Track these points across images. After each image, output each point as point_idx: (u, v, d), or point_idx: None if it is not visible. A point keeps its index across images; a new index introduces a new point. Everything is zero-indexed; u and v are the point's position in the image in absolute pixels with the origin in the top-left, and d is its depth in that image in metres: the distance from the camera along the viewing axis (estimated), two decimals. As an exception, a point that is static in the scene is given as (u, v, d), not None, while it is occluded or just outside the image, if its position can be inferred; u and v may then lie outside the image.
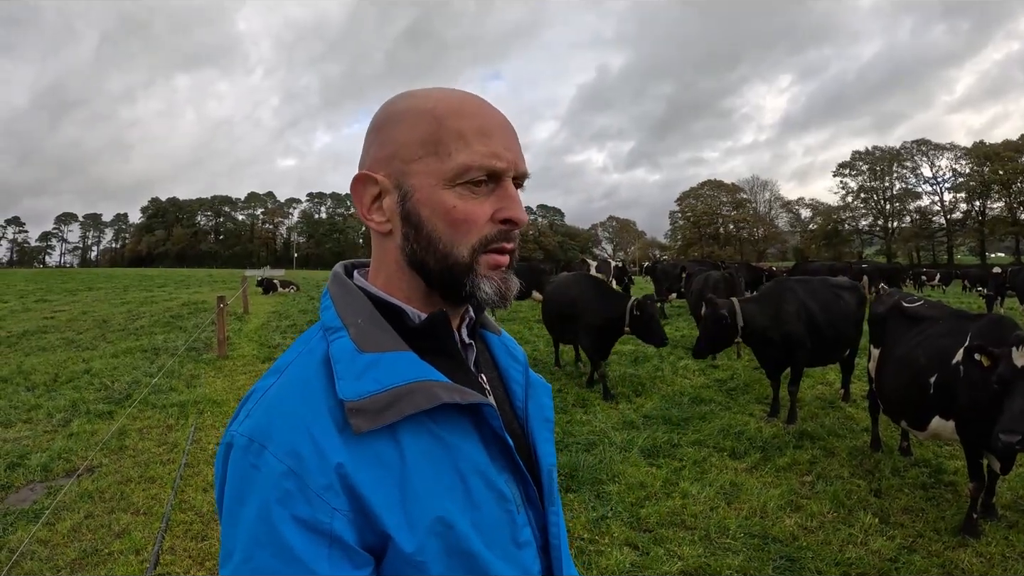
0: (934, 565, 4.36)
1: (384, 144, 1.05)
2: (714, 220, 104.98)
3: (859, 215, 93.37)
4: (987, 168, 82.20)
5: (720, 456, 6.47)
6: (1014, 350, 4.17)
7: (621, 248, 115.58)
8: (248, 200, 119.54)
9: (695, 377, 10.18)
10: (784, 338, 7.54)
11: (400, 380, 0.95)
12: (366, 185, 1.05)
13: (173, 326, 15.47)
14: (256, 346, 12.79)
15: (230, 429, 0.95)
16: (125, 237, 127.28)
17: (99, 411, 7.84)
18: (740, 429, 7.19)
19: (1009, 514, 5.11)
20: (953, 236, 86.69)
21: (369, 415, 0.91)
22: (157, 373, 9.59)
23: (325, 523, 0.87)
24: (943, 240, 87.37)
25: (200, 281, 36.84)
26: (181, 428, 7.24)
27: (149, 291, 28.55)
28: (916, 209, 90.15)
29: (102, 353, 11.81)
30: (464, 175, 1.00)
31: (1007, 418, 4.00)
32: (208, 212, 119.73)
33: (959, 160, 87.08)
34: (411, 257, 1.04)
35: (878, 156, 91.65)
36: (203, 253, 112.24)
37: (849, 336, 8.22)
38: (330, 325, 1.03)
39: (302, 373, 0.98)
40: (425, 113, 1.02)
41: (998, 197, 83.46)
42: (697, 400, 8.62)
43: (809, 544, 4.67)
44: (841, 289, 8.38)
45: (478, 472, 1.00)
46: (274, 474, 0.87)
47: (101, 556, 4.50)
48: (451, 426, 0.99)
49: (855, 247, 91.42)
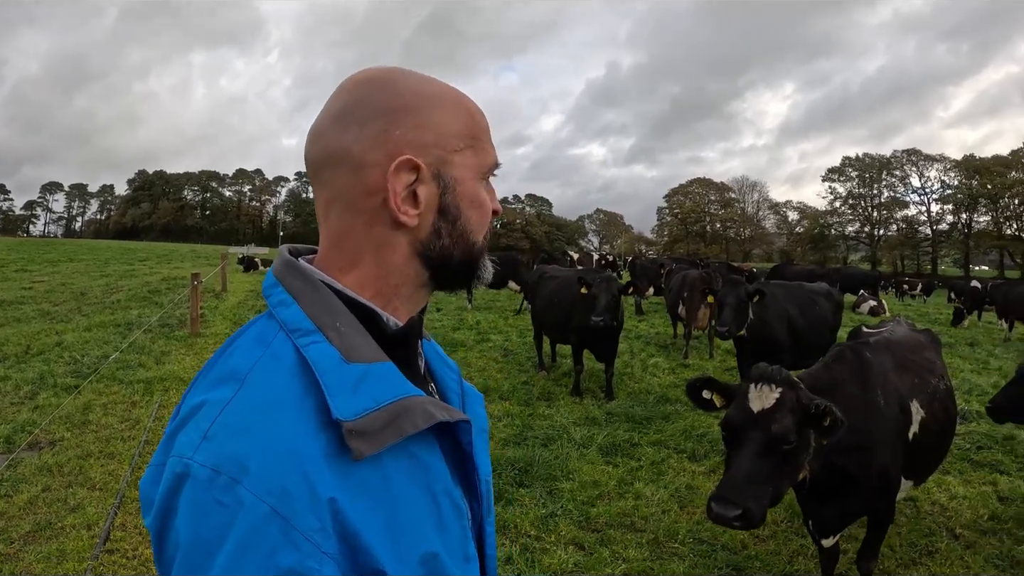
0: (885, 583, 4.32)
1: (421, 128, 0.96)
2: (701, 218, 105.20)
3: (846, 221, 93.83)
4: (976, 181, 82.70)
5: (679, 458, 6.47)
6: (751, 388, 3.25)
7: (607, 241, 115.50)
8: (236, 176, 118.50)
9: (664, 376, 10.16)
10: (767, 342, 7.59)
11: (393, 396, 0.87)
12: (402, 172, 0.94)
13: (150, 301, 15.38)
14: (230, 324, 12.72)
15: (180, 452, 0.80)
16: (111, 209, 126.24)
17: (66, 384, 7.82)
18: (703, 431, 7.17)
19: (967, 534, 5.09)
20: (938, 247, 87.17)
21: (368, 437, 0.82)
22: (127, 348, 9.57)
23: (313, 571, 0.75)
24: (928, 250, 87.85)
25: (183, 256, 36.65)
26: (145, 405, 7.25)
27: (130, 264, 28.36)
28: (903, 218, 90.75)
29: (76, 326, 11.74)
30: (492, 170, 1.05)
31: (723, 482, 3.12)
32: (195, 187, 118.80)
33: (948, 172, 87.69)
34: (435, 251, 0.98)
35: (868, 163, 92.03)
36: (189, 228, 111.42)
37: (825, 343, 8.23)
38: (298, 326, 0.90)
39: (272, 384, 0.85)
40: (460, 104, 1.01)
41: (985, 211, 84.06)
42: (663, 399, 8.57)
43: (758, 554, 4.67)
44: (817, 295, 8.46)
45: (447, 492, 0.94)
46: (254, 517, 0.74)
47: (54, 530, 4.53)
48: (424, 445, 0.93)
49: (840, 252, 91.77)
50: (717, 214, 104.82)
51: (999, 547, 4.89)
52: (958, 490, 5.90)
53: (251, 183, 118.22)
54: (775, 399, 3.16)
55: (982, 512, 5.48)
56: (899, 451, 3.83)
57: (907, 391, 4.00)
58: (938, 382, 4.34)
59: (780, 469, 3.15)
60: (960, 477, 6.19)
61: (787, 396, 3.16)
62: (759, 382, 3.23)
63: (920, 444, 3.98)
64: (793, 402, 3.16)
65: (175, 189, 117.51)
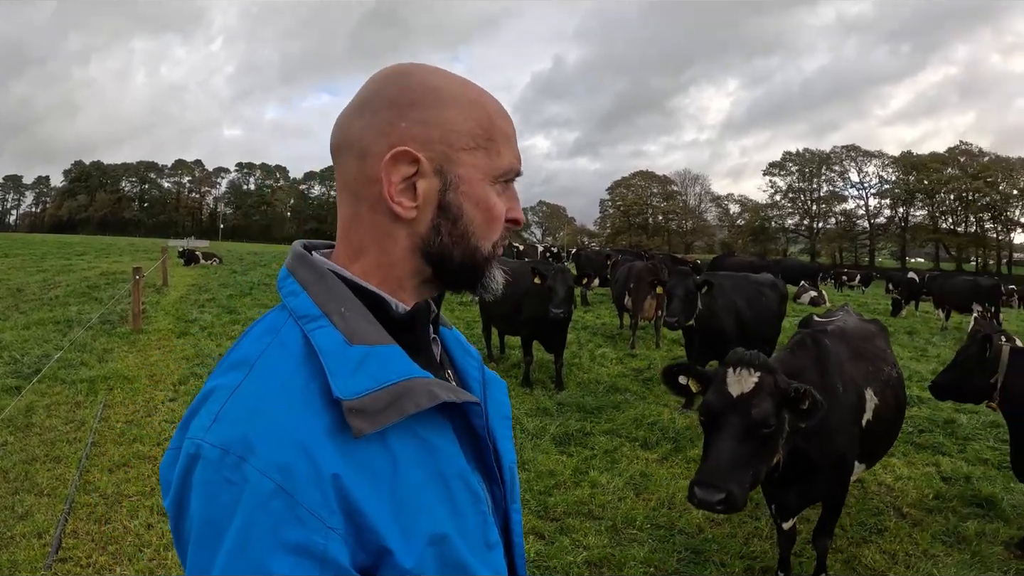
0: (838, 561, 4.47)
1: (427, 123, 0.96)
2: (644, 210, 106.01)
3: (786, 214, 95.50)
4: (913, 177, 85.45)
5: (632, 446, 6.55)
6: (730, 372, 3.28)
7: (550, 233, 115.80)
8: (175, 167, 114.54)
9: (612, 366, 10.24)
10: (715, 333, 7.72)
11: (396, 377, 0.88)
12: (400, 163, 0.95)
13: (89, 297, 14.88)
14: (172, 320, 12.34)
15: (193, 435, 0.84)
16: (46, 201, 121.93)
17: (7, 386, 7.47)
18: (654, 419, 7.26)
19: (914, 512, 5.29)
20: (875, 240, 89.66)
21: (369, 416, 0.84)
22: (69, 347, 9.29)
23: (319, 545, 0.78)
24: (866, 243, 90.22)
25: (121, 250, 35.52)
26: (90, 405, 7.00)
27: (68, 259, 27.36)
28: (841, 211, 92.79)
29: (13, 324, 11.27)
30: (506, 175, 1.02)
31: (704, 467, 3.17)
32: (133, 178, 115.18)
33: (886, 168, 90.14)
34: (434, 248, 0.98)
35: (808, 158, 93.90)
36: (126, 221, 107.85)
37: (771, 333, 8.48)
38: (305, 313, 0.93)
39: (278, 368, 0.88)
40: (476, 104, 0.99)
41: (921, 205, 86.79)
42: (613, 389, 8.64)
43: (715, 536, 4.76)
44: (763, 286, 8.62)
45: (459, 476, 0.95)
46: (260, 493, 0.78)
47: (3, 540, 4.34)
48: (433, 427, 0.94)
49: (781, 244, 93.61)
50: (659, 206, 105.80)
51: (945, 524, 5.09)
52: (903, 471, 6.13)
53: (191, 174, 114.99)
54: (754, 383, 3.20)
55: (927, 492, 5.71)
56: (855, 437, 3.95)
57: (862, 379, 4.11)
58: (890, 370, 4.50)
59: (759, 453, 3.21)
60: (904, 459, 6.42)
61: (766, 380, 3.22)
62: (737, 366, 3.27)
63: (873, 430, 4.11)
64: (772, 386, 3.21)
65: (112, 180, 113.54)
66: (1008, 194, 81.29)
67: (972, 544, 4.76)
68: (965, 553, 4.63)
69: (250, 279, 20.68)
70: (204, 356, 9.25)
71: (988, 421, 7.77)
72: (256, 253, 38.28)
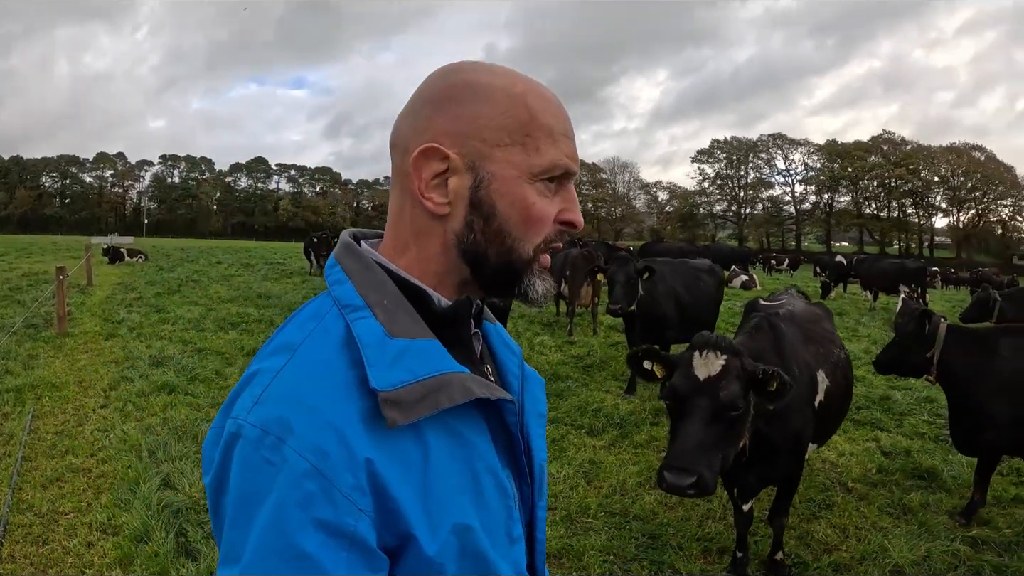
0: (791, 538, 4.55)
1: (460, 119, 0.96)
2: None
3: (714, 200, 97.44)
4: (837, 165, 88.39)
5: (578, 434, 6.55)
6: (696, 356, 3.27)
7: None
8: (97, 160, 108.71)
9: (552, 354, 10.27)
10: (655, 318, 7.79)
11: (433, 371, 0.89)
12: (430, 160, 0.96)
13: (11, 300, 14.19)
14: (99, 321, 11.82)
15: (236, 415, 0.86)
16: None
17: (-74, 398, 7.05)
18: (597, 406, 7.30)
19: (859, 487, 5.46)
20: (802, 225, 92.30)
21: (403, 407, 0.85)
22: (-10, 353, 8.84)
23: (349, 525, 0.81)
24: (792, 228, 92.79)
25: (43, 249, 34.04)
26: (17, 416, 6.56)
27: (-15, 260, 26.44)
28: (768, 198, 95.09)
29: (-72, 330, 10.78)
30: (548, 173, 0.97)
31: (673, 451, 3.12)
32: (54, 172, 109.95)
33: (811, 156, 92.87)
34: (469, 246, 0.98)
35: (736, 146, 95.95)
36: (48, 218, 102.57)
37: (710, 317, 8.62)
38: (349, 302, 0.94)
39: (320, 355, 0.90)
40: (517, 99, 0.97)
41: (845, 192, 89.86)
42: (554, 377, 8.64)
43: (670, 520, 4.79)
44: (701, 271, 8.76)
45: (490, 470, 0.96)
46: (296, 473, 0.80)
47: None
48: (469, 421, 0.95)
49: (709, 230, 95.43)
50: (588, 194, 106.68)
51: (890, 497, 5.28)
52: (845, 447, 6.34)
53: (113, 167, 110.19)
54: (721, 366, 3.20)
55: (870, 466, 5.91)
56: (809, 418, 4.02)
57: (813, 361, 4.19)
58: (839, 352, 4.61)
59: (727, 436, 3.21)
60: (845, 436, 6.61)
61: (733, 363, 3.22)
62: (704, 349, 3.25)
63: (825, 410, 4.21)
64: (739, 368, 3.22)
65: (33, 176, 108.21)
66: (929, 181, 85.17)
67: (918, 515, 4.94)
68: (912, 524, 4.79)
69: (177, 276, 20.15)
70: (134, 359, 8.88)
71: (922, 397, 8.10)
72: (183, 249, 37.25)
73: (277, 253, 35.27)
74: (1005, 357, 4.62)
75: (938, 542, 4.47)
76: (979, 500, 4.88)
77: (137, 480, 4.96)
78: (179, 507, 4.58)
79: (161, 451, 5.55)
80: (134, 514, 4.44)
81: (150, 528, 4.28)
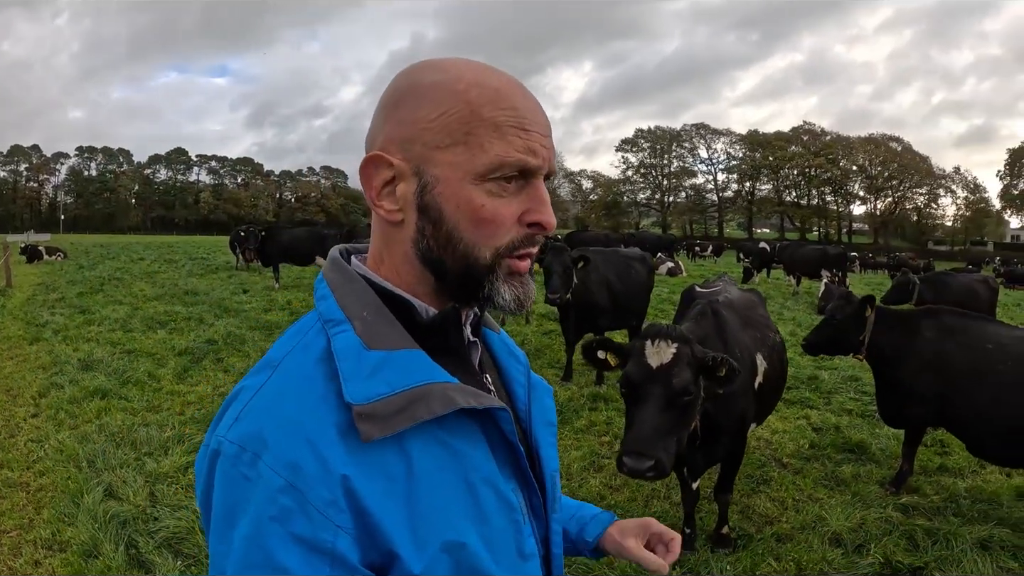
0: (734, 512, 4.70)
1: (403, 123, 0.93)
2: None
3: (638, 188, 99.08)
4: (759, 154, 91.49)
5: (517, 423, 6.61)
6: (648, 345, 3.37)
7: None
8: (11, 154, 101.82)
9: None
10: (590, 307, 7.93)
11: (413, 382, 0.87)
12: (378, 168, 0.94)
13: (-78, 304, 13.66)
14: (22, 324, 11.30)
15: (216, 433, 0.87)
16: None
17: None
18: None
19: (794, 462, 5.71)
20: (724, 212, 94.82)
21: (379, 421, 0.84)
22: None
23: (327, 542, 0.80)
24: (715, 215, 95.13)
25: (-48, 250, 32.76)
26: None
27: None
28: (691, 186, 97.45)
29: None
30: (496, 171, 0.91)
31: (631, 437, 3.25)
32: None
33: (734, 145, 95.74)
34: (425, 252, 0.95)
35: (659, 135, 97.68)
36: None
37: (642, 305, 8.83)
38: (330, 317, 0.93)
39: (299, 370, 0.90)
40: (457, 96, 0.91)
41: (767, 180, 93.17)
42: (488, 366, 8.68)
43: (617, 502, 4.91)
44: (633, 260, 8.93)
45: (487, 482, 0.93)
46: (271, 489, 0.80)
47: None
48: (460, 432, 0.92)
49: (633, 218, 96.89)
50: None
51: (823, 470, 5.55)
52: (778, 425, 6.62)
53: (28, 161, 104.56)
54: (672, 354, 3.32)
55: (802, 442, 6.19)
56: (751, 399, 4.22)
57: (752, 345, 4.39)
58: (774, 336, 4.82)
59: (681, 420, 3.35)
60: (777, 415, 6.86)
61: (683, 351, 3.34)
62: (655, 339, 3.35)
63: (764, 392, 4.41)
64: (689, 356, 3.35)
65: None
66: (848, 170, 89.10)
67: (851, 486, 5.22)
68: (846, 494, 5.06)
69: (99, 274, 19.44)
70: (62, 363, 8.50)
71: (847, 376, 8.48)
72: (102, 245, 35.99)
73: (200, 248, 34.46)
74: (928, 337, 4.92)
75: (872, 510, 4.73)
76: (907, 470, 5.20)
77: (79, 492, 4.75)
78: (126, 518, 4.42)
79: (100, 460, 5.34)
80: (80, 528, 4.26)
81: (98, 542, 4.12)
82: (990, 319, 5.30)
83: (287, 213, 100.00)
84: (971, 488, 5.19)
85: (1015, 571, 4.04)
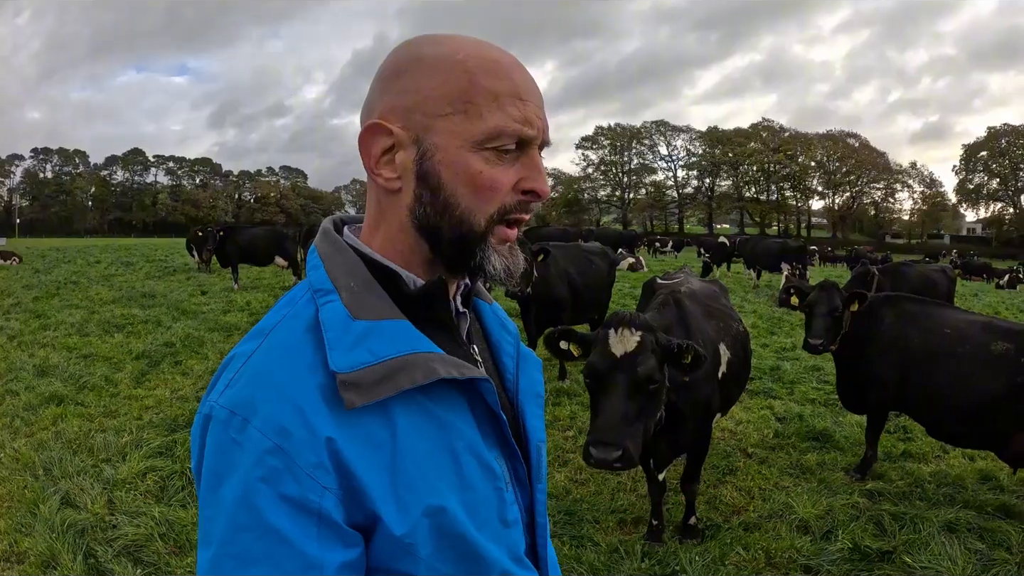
0: (701, 503, 4.69)
1: (404, 93, 0.96)
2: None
3: (598, 185, 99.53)
4: (718, 150, 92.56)
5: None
6: (611, 333, 3.34)
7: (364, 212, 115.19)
8: None
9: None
10: (551, 301, 7.87)
11: (396, 352, 0.89)
12: (376, 136, 0.96)
13: None
14: None
15: (208, 399, 0.89)
16: None
17: None
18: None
19: (759, 451, 5.75)
20: (684, 208, 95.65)
21: (362, 389, 0.86)
22: None
23: (314, 502, 0.82)
24: (675, 211, 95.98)
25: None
26: None
27: None
28: (651, 183, 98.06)
29: None
30: (494, 139, 0.94)
31: (597, 426, 3.22)
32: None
33: (694, 142, 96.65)
34: (421, 220, 0.97)
35: (620, 133, 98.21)
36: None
37: (603, 299, 8.83)
38: (319, 287, 0.95)
39: (287, 339, 0.92)
40: (456, 66, 0.94)
41: (726, 176, 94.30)
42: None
43: (583, 496, 4.89)
44: (594, 255, 8.94)
45: (471, 451, 0.96)
46: (259, 451, 0.82)
47: None
48: (445, 402, 0.95)
49: (594, 215, 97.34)
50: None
51: (788, 459, 5.60)
52: (742, 416, 6.67)
53: None
54: (636, 342, 3.29)
55: (766, 432, 6.24)
56: (716, 388, 4.20)
57: (715, 335, 4.37)
58: (737, 326, 4.81)
59: (647, 408, 3.32)
60: (741, 405, 6.88)
61: (647, 339, 3.31)
62: (618, 327, 3.31)
63: (728, 381, 4.40)
64: (653, 343, 3.32)
65: None
66: (806, 165, 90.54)
67: (816, 474, 5.26)
68: (812, 482, 5.10)
69: (55, 278, 18.84)
70: (17, 369, 8.21)
71: (809, 366, 8.57)
72: (58, 249, 34.99)
73: (158, 250, 33.70)
74: (888, 323, 4.98)
75: (838, 496, 4.77)
76: (872, 456, 5.25)
77: (35, 501, 4.60)
78: (83, 526, 4.29)
79: (57, 467, 5.17)
80: (37, 538, 4.13)
81: (56, 552, 3.99)
82: (948, 305, 5.42)
83: (246, 214, 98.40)
84: (935, 473, 5.25)
85: (982, 552, 4.07)
